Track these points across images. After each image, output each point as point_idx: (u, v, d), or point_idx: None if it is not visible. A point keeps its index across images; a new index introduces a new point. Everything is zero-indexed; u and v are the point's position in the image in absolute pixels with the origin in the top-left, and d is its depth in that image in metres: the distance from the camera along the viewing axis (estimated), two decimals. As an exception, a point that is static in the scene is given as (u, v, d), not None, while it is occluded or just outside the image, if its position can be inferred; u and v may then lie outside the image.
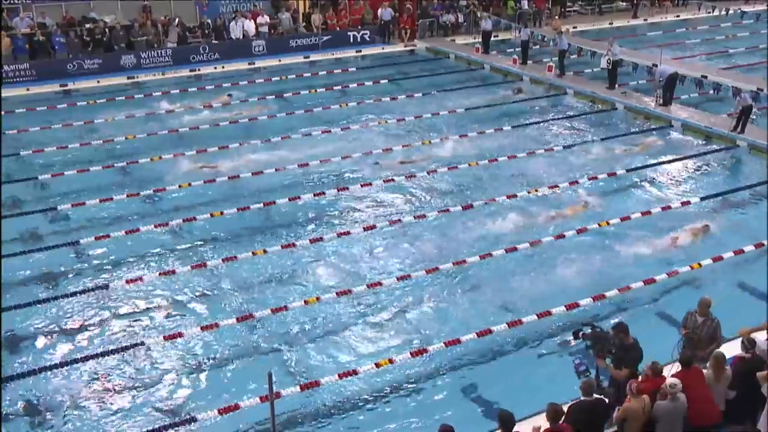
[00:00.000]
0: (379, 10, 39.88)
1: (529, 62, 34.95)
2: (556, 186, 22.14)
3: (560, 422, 10.41)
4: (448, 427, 10.24)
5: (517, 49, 35.25)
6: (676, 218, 20.01)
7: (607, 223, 19.62)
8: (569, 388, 11.85)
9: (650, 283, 16.85)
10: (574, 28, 42.03)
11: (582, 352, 13.23)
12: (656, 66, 30.10)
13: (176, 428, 12.95)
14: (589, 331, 12.19)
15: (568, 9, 46.04)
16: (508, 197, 21.32)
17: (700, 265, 17.52)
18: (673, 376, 11.11)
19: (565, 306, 15.93)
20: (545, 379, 13.77)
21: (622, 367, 11.80)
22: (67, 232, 19.97)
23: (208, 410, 13.24)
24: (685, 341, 12.54)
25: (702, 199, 21.27)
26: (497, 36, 39.55)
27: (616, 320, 12.59)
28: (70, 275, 17.99)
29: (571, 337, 12.72)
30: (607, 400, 11.48)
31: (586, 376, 11.50)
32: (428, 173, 23.17)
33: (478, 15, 39.85)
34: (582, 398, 10.86)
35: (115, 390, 14.04)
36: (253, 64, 36.63)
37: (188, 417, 13.17)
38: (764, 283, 16.38)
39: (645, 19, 44.85)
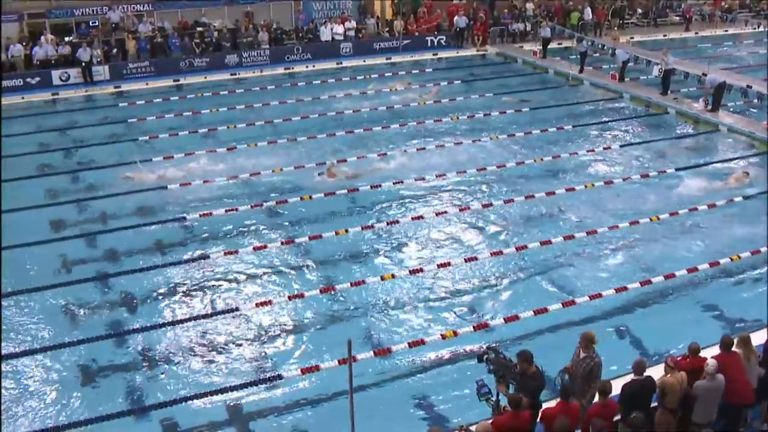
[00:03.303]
0: (455, 18, 39.68)
1: (589, 68, 34.34)
2: (611, 182, 21.90)
3: (608, 398, 10.25)
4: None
5: (577, 56, 34.71)
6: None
7: (659, 218, 19.34)
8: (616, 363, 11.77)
9: (693, 271, 16.62)
10: (631, 38, 41.20)
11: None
12: (705, 75, 29.47)
13: (265, 383, 13.21)
14: (494, 356, 10.63)
15: (626, 21, 45.12)
16: (567, 190, 21.12)
17: (739, 257, 17.17)
18: (712, 357, 10.91)
19: (615, 289, 15.82)
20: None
21: (521, 395, 10.21)
22: (174, 208, 20.38)
23: (292, 369, 13.47)
24: (561, 376, 10.97)
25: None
26: (560, 44, 39.05)
27: (521, 348, 11.01)
28: (177, 246, 18.37)
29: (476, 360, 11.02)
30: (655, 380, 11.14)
31: (488, 399, 10.41)
32: (497, 167, 22.99)
33: (544, 23, 39.30)
34: (634, 377, 10.66)
35: (213, 348, 14.32)
36: (341, 63, 36.75)
37: (275, 374, 13.40)
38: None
39: (696, 33, 43.71)
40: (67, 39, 34.45)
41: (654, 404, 10.80)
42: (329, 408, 12.53)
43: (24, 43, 33.72)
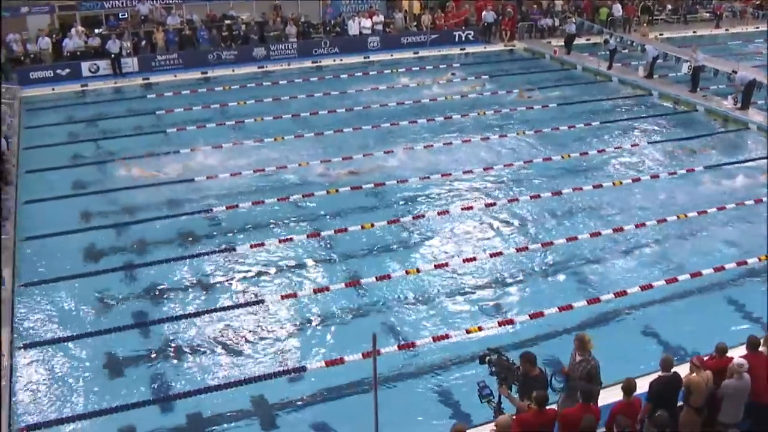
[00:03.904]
0: (483, 13, 39.51)
1: (618, 65, 34.09)
2: (639, 179, 21.80)
3: (633, 396, 10.19)
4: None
5: (606, 51, 34.43)
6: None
7: (686, 216, 19.20)
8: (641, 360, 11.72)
9: (720, 270, 16.50)
10: (660, 35, 40.85)
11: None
12: (735, 72, 29.19)
13: (290, 374, 13.31)
14: (495, 357, 10.48)
15: (655, 17, 44.76)
16: (594, 187, 21.04)
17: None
18: (740, 357, 10.83)
19: (640, 287, 15.76)
20: (620, 352, 13.57)
21: (524, 398, 10.22)
22: (201, 200, 20.53)
23: (316, 362, 13.55)
24: (556, 378, 10.71)
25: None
26: (588, 40, 38.82)
27: (523, 350, 10.82)
28: (204, 238, 18.51)
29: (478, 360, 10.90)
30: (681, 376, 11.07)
31: (489, 401, 10.35)
32: (524, 163, 22.96)
33: (573, 20, 39.08)
34: (662, 374, 10.60)
35: (238, 339, 14.43)
36: (368, 57, 36.75)
37: (300, 366, 13.48)
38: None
39: (727, 29, 43.20)
40: (96, 31, 34.77)
41: (680, 404, 10.76)
42: (353, 401, 12.57)
43: (54, 35, 34.07)
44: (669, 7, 45.95)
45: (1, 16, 29.74)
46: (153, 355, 14.00)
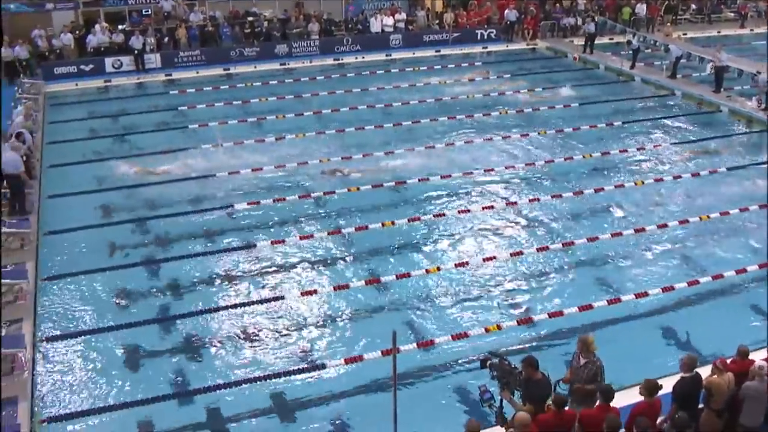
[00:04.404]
0: (505, 11, 39.42)
1: (641, 65, 33.89)
2: (661, 179, 21.67)
3: (655, 397, 10.12)
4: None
5: (629, 51, 34.21)
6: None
7: (708, 217, 19.08)
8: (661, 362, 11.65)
9: (741, 272, 16.35)
10: (684, 35, 40.55)
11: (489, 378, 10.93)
12: (759, 73, 28.91)
13: (309, 372, 13.32)
14: (497, 362, 10.36)
15: (679, 17, 44.45)
16: (616, 187, 20.94)
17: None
18: (762, 360, 10.75)
19: (661, 288, 15.67)
20: (640, 353, 13.52)
21: (527, 402, 10.12)
22: (222, 196, 20.61)
23: (336, 359, 13.57)
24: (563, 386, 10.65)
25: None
26: (611, 39, 38.62)
27: (525, 355, 10.73)
28: (225, 234, 18.57)
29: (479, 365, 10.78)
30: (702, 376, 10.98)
31: (490, 405, 10.17)
32: (545, 162, 22.88)
33: (595, 19, 38.91)
34: (683, 375, 10.54)
35: (258, 335, 14.47)
36: (390, 55, 36.77)
37: (319, 363, 13.52)
38: None
39: (751, 29, 42.76)
40: (120, 27, 35.05)
41: (701, 405, 10.69)
42: (372, 398, 12.58)
43: (77, 31, 34.34)
44: (693, 6, 45.57)
45: (1, 14, 30.05)
46: (173, 350, 14.07)
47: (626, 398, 10.63)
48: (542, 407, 10.04)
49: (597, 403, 10.07)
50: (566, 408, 9.92)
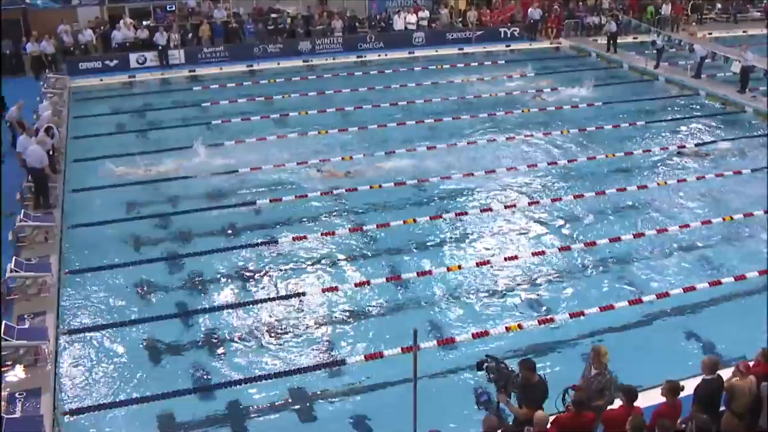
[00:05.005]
0: (529, 10, 39.31)
1: (665, 64, 33.66)
2: (684, 180, 21.49)
3: (677, 399, 10.04)
4: None
5: (653, 51, 33.96)
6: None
7: (732, 218, 18.90)
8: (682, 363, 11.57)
9: (764, 273, 16.16)
10: (709, 34, 40.18)
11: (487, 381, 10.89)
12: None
13: (329, 367, 13.36)
14: (494, 364, 10.25)
15: (704, 16, 44.09)
16: (639, 187, 20.80)
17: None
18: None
19: (683, 289, 15.55)
20: (661, 353, 13.45)
21: (524, 405, 10.00)
22: (244, 192, 20.70)
23: (356, 355, 13.59)
24: (568, 393, 10.35)
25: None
26: (636, 38, 38.40)
27: (523, 357, 10.71)
28: (247, 230, 18.64)
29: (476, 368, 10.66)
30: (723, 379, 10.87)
31: (487, 407, 10.16)
32: (568, 162, 22.80)
33: (620, 18, 38.71)
34: (704, 377, 10.44)
35: (279, 331, 14.51)
36: (413, 53, 36.75)
37: (339, 359, 13.54)
38: None
39: (778, 29, 42.44)
40: (144, 23, 35.27)
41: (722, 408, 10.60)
42: (391, 395, 12.57)
43: (102, 27, 34.61)
44: (719, 5, 45.23)
45: (0, 12, 30.42)
46: (194, 345, 14.14)
47: (648, 399, 10.56)
48: (535, 409, 9.83)
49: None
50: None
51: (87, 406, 12.38)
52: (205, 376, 13.22)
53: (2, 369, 12.58)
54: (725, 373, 10.65)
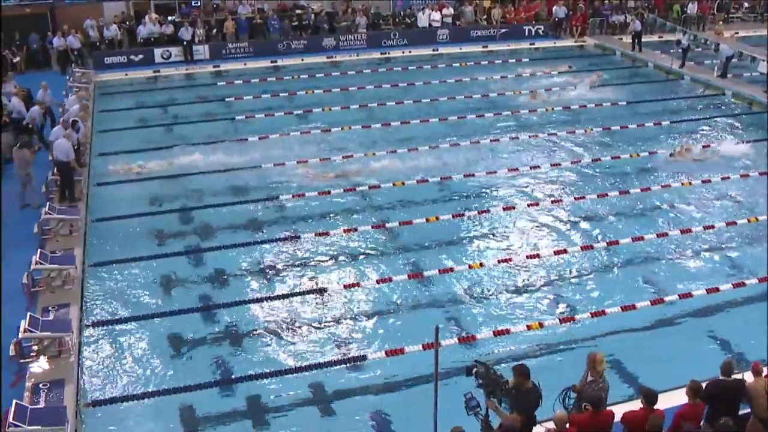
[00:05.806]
0: (554, 8, 39.18)
1: (691, 63, 33.38)
2: (709, 180, 21.31)
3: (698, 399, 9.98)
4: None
5: (679, 50, 33.65)
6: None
7: (757, 219, 18.75)
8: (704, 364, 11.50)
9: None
10: (736, 33, 39.76)
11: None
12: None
13: (350, 363, 13.39)
14: (483, 370, 10.00)
15: (731, 15, 43.68)
16: (662, 187, 20.65)
17: None
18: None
19: (706, 290, 15.43)
20: (683, 354, 13.35)
21: (515, 411, 9.73)
22: (268, 187, 20.77)
23: (377, 351, 13.61)
24: (568, 394, 10.37)
25: None
26: (662, 37, 38.12)
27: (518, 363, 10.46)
28: (269, 225, 18.71)
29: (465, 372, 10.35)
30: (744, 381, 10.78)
31: (477, 413, 9.87)
32: (592, 160, 22.67)
33: (645, 16, 38.45)
34: (721, 377, 10.37)
35: (300, 326, 14.56)
36: (437, 50, 36.67)
37: (360, 354, 13.57)
38: None
39: (807, 29, 41.94)
40: (170, 18, 35.46)
41: (746, 410, 10.52)
42: (411, 391, 12.60)
43: (127, 22, 34.86)
44: (746, 4, 44.76)
45: (1, 10, 30.69)
46: (216, 338, 14.22)
47: (670, 400, 10.50)
48: (531, 416, 9.82)
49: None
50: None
51: (109, 398, 12.48)
52: (226, 370, 13.29)
53: (27, 360, 12.74)
54: (749, 377, 10.56)
